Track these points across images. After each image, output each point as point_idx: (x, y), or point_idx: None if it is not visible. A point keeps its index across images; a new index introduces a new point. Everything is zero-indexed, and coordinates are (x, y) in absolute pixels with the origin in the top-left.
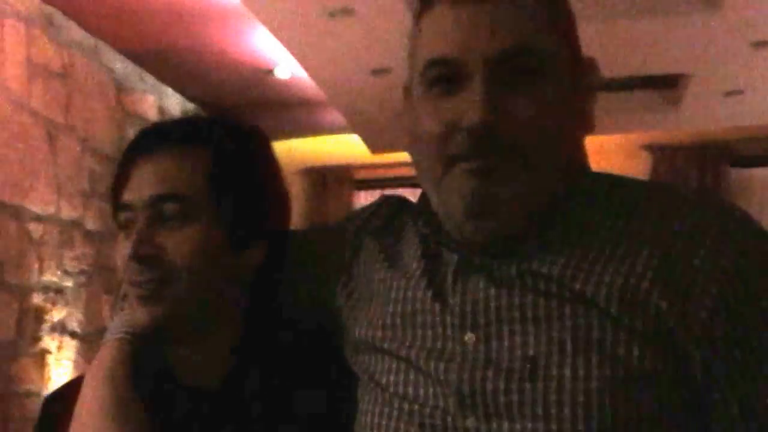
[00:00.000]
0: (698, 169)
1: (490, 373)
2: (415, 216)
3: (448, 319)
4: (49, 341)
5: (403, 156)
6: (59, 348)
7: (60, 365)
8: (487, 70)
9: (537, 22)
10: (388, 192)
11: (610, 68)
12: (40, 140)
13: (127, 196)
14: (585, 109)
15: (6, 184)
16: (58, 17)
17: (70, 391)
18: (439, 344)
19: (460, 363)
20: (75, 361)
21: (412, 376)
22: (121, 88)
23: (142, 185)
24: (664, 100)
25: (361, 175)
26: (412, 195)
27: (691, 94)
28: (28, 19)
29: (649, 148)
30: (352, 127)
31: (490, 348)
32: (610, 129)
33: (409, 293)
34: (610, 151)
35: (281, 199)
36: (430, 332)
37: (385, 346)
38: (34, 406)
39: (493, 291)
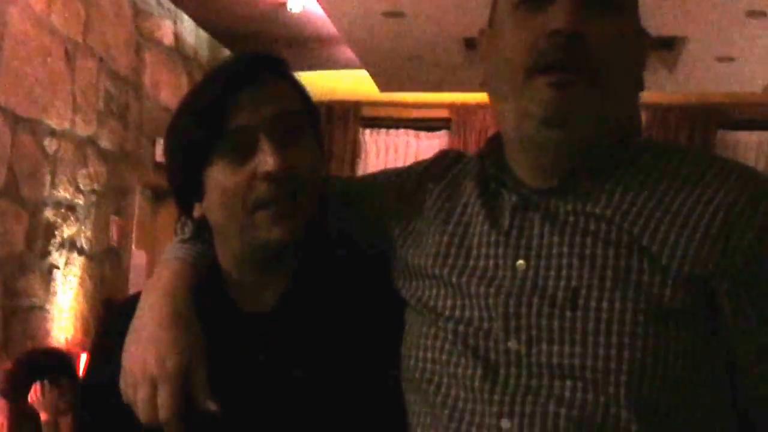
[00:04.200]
0: (689, 130)
1: (535, 300)
2: (480, 159)
3: (502, 249)
4: (57, 257)
5: (410, 97)
6: (66, 264)
7: (66, 282)
8: None
9: None
10: (393, 131)
11: None
12: (59, 59)
13: (241, 120)
14: (641, 66)
15: (24, 99)
16: None
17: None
18: (490, 272)
19: (509, 288)
20: (81, 278)
21: (460, 301)
22: (138, 12)
23: (258, 107)
24: (661, 62)
25: (368, 112)
26: (415, 136)
27: (685, 57)
28: None
29: (645, 106)
30: (364, 64)
31: (538, 276)
32: None
33: (467, 227)
34: None
35: None
36: (482, 261)
37: (437, 272)
38: (37, 320)
39: (547, 227)
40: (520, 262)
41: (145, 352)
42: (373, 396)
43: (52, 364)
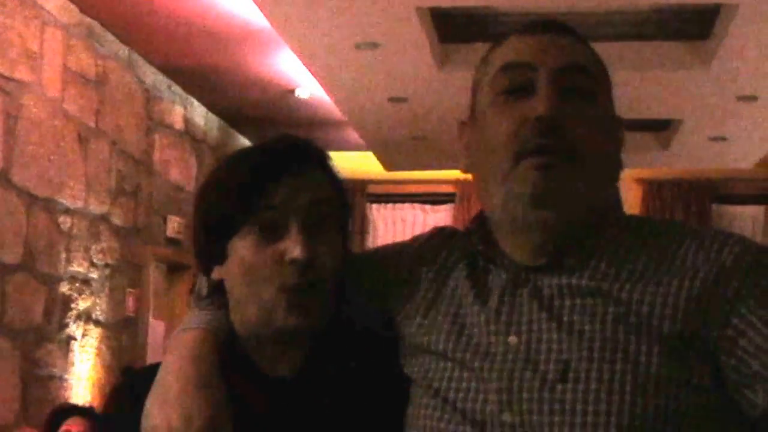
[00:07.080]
0: (684, 204)
1: (527, 373)
2: (468, 236)
3: (494, 326)
4: (74, 328)
5: (415, 174)
6: (83, 335)
7: (84, 351)
8: (552, 78)
9: (590, 55)
10: (400, 206)
11: None
12: (72, 141)
13: (275, 201)
14: (617, 148)
15: (38, 179)
16: (97, 28)
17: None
18: (483, 347)
19: (502, 363)
20: (98, 348)
21: (458, 374)
22: (149, 98)
23: (294, 193)
24: (656, 141)
25: (375, 189)
26: (421, 210)
27: (680, 137)
28: (68, 28)
29: (641, 181)
30: (369, 147)
31: (530, 350)
32: None
33: (459, 305)
34: None
35: None
36: (476, 337)
37: (434, 347)
38: (56, 389)
39: (536, 304)
40: (512, 338)
41: (171, 412)
42: None
43: (81, 410)
